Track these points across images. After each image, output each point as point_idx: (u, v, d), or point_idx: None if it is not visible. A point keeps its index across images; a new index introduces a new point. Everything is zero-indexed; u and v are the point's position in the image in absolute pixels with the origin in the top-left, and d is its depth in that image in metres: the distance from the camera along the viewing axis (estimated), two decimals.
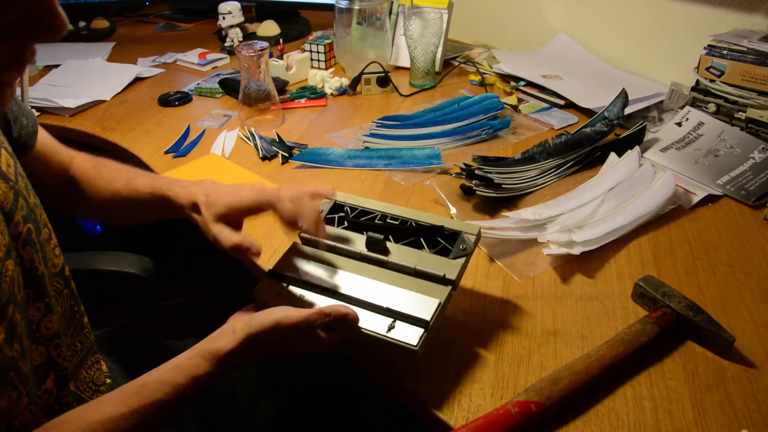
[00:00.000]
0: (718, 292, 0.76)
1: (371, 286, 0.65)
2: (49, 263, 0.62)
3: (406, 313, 0.62)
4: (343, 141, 1.16)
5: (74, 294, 0.66)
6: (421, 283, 0.65)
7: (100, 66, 1.53)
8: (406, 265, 0.66)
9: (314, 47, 1.46)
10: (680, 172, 1.01)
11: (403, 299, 0.63)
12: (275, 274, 0.69)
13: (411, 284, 0.65)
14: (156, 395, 0.55)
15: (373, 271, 0.68)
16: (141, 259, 0.93)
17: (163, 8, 1.99)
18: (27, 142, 0.74)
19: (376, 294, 0.64)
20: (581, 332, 0.70)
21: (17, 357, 0.53)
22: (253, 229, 0.89)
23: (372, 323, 0.61)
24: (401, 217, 0.73)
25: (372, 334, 0.61)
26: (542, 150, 1.04)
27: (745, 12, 1.18)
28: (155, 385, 0.56)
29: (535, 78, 1.33)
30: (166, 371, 0.57)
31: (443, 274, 0.65)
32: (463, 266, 0.66)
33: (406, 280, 0.66)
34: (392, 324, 0.61)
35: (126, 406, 0.54)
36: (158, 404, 0.55)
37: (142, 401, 0.55)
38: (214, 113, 1.29)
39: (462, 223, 0.70)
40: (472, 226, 0.70)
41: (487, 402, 0.61)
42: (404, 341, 0.59)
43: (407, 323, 0.61)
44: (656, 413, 0.60)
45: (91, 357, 0.70)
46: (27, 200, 0.59)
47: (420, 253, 0.68)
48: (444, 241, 0.70)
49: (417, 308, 0.62)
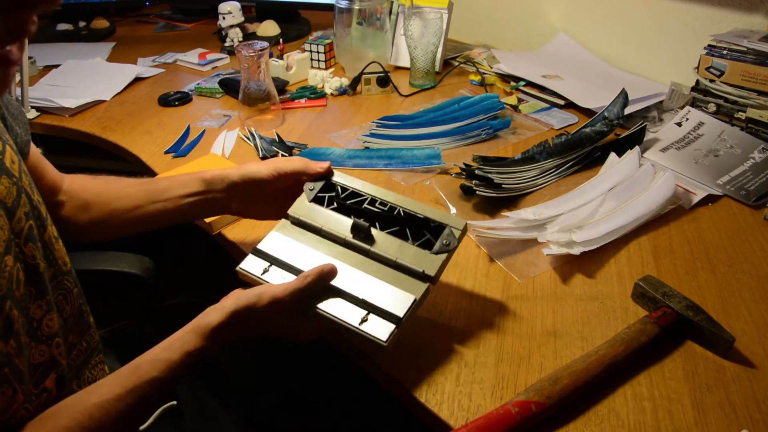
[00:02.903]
0: (718, 292, 0.76)
1: (351, 275, 0.66)
2: (59, 261, 0.62)
3: (380, 307, 0.62)
4: (343, 141, 1.16)
5: (82, 293, 0.67)
6: (400, 276, 0.66)
7: (100, 66, 1.53)
8: (388, 257, 0.67)
9: (314, 47, 1.46)
10: (680, 172, 1.01)
11: (380, 292, 0.64)
12: (259, 252, 0.70)
13: (390, 276, 0.66)
14: (151, 374, 0.57)
15: (355, 258, 0.68)
16: (141, 259, 0.93)
17: (163, 8, 1.99)
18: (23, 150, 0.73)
19: (355, 284, 0.65)
20: (581, 332, 0.70)
21: (13, 354, 0.53)
22: (253, 230, 0.89)
23: (347, 314, 0.62)
24: (390, 203, 0.72)
25: (345, 324, 0.62)
26: (542, 150, 1.04)
27: (745, 12, 1.18)
28: (150, 364, 0.58)
29: (535, 78, 1.33)
30: (160, 350, 0.59)
31: (422, 270, 0.65)
32: (444, 262, 0.66)
33: (386, 272, 0.66)
34: (365, 317, 0.62)
35: (122, 386, 0.56)
36: (153, 382, 0.57)
37: (138, 380, 0.56)
38: (214, 113, 1.29)
39: (449, 216, 0.70)
40: (459, 220, 0.69)
41: (487, 402, 0.61)
42: (375, 335, 0.60)
43: (380, 317, 0.62)
44: (656, 413, 0.60)
45: (95, 357, 0.70)
46: (30, 197, 0.59)
47: (404, 244, 0.68)
48: (430, 233, 0.69)
49: (392, 303, 0.63)
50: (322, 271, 0.63)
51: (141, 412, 0.59)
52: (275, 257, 0.69)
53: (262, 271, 0.68)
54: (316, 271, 0.63)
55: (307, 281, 0.62)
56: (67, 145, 1.28)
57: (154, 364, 0.58)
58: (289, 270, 0.68)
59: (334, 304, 0.63)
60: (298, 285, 0.62)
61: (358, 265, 0.67)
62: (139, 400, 0.56)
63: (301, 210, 0.73)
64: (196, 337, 0.59)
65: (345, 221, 0.71)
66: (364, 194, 0.74)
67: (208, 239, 0.92)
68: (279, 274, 0.68)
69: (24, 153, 0.72)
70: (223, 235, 0.89)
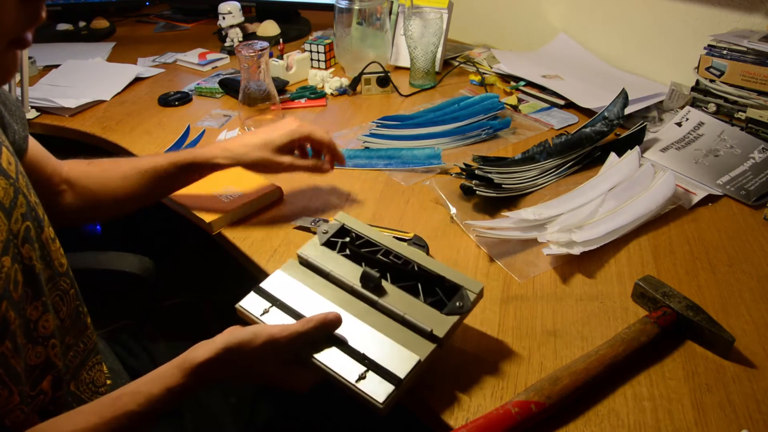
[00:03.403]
0: (718, 292, 0.76)
1: (354, 326, 0.62)
2: (56, 263, 0.62)
3: (381, 365, 0.58)
4: (343, 141, 1.16)
5: (79, 294, 0.67)
6: (406, 333, 0.61)
7: (100, 66, 1.53)
8: (395, 311, 0.63)
9: (314, 47, 1.46)
10: (680, 172, 1.01)
11: (383, 348, 0.60)
12: (261, 291, 0.68)
13: (396, 333, 0.62)
14: (129, 406, 0.55)
15: (361, 308, 0.65)
16: (141, 259, 0.93)
17: (163, 8, 1.99)
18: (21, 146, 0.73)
19: (357, 336, 0.61)
20: (581, 332, 0.70)
21: (8, 354, 0.53)
22: (253, 230, 0.89)
23: (344, 368, 0.59)
24: (405, 257, 0.69)
25: (341, 379, 0.58)
26: (542, 150, 1.04)
27: (744, 12, 1.18)
28: (129, 397, 0.56)
29: (535, 78, 1.33)
30: (143, 382, 0.57)
31: (431, 330, 0.60)
32: (454, 325, 0.62)
33: (392, 327, 0.62)
34: (363, 374, 0.58)
35: (99, 416, 0.54)
36: (130, 415, 0.55)
37: (115, 412, 0.54)
38: (214, 113, 1.29)
39: (466, 278, 0.65)
40: (476, 283, 0.65)
41: (487, 402, 0.61)
42: (371, 396, 0.56)
43: (380, 376, 0.58)
44: (656, 413, 0.60)
45: (92, 358, 0.70)
46: (27, 198, 0.59)
47: (414, 300, 0.64)
48: (443, 292, 0.65)
49: (394, 362, 0.58)
50: (326, 319, 0.60)
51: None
52: (277, 298, 0.66)
53: (262, 312, 0.65)
54: (320, 318, 0.60)
55: (308, 326, 0.59)
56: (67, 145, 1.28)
57: (133, 397, 0.56)
58: (290, 314, 0.65)
59: (332, 356, 0.60)
60: (298, 329, 0.59)
61: (363, 317, 0.64)
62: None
63: (312, 252, 0.71)
64: (179, 373, 0.57)
65: (355, 269, 0.68)
66: (379, 245, 0.71)
67: (208, 239, 0.92)
68: (279, 316, 0.65)
69: (22, 149, 0.72)
70: (223, 235, 0.89)
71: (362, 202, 0.96)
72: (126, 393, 0.56)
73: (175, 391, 0.56)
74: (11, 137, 0.71)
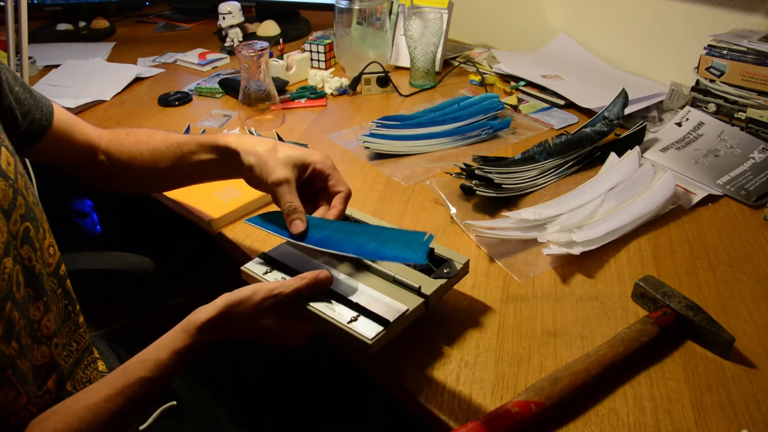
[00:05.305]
0: (718, 292, 0.76)
1: (349, 283, 0.67)
2: (44, 262, 0.62)
3: (371, 310, 0.63)
4: (343, 141, 1.16)
5: (69, 294, 0.66)
6: (397, 291, 0.66)
7: (100, 66, 1.53)
8: (387, 272, 0.68)
9: (314, 47, 1.46)
10: (680, 172, 1.01)
11: (374, 299, 0.65)
12: (266, 257, 0.72)
13: (387, 290, 0.66)
14: (138, 374, 0.57)
15: (357, 270, 0.69)
16: (141, 259, 0.93)
17: (163, 8, 1.99)
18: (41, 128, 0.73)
19: (351, 291, 0.66)
20: (581, 332, 0.70)
21: (15, 355, 0.53)
22: (253, 230, 0.89)
23: (338, 314, 0.63)
24: None
25: (333, 322, 0.62)
26: (542, 150, 1.04)
27: (744, 12, 1.18)
28: (138, 365, 0.57)
29: (535, 78, 1.33)
30: (148, 350, 0.59)
31: (419, 287, 0.65)
32: (441, 287, 0.67)
33: (384, 285, 0.67)
34: (355, 317, 0.62)
35: (111, 388, 0.56)
36: (141, 382, 0.56)
37: (126, 381, 0.56)
38: (214, 113, 1.29)
39: (453, 252, 0.71)
40: (463, 257, 0.71)
41: (487, 402, 0.61)
42: (362, 334, 0.60)
43: (370, 319, 0.62)
44: (656, 413, 0.60)
45: (87, 357, 0.70)
46: (26, 199, 0.59)
47: (405, 267, 0.69)
48: (433, 265, 0.70)
49: (383, 309, 0.63)
50: (318, 276, 0.64)
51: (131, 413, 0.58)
52: (280, 262, 0.71)
53: (264, 272, 0.69)
54: (313, 275, 0.64)
55: (304, 282, 0.63)
56: None
57: (142, 365, 0.57)
58: (290, 274, 0.68)
59: (326, 306, 0.64)
60: (293, 284, 0.62)
61: (358, 277, 0.68)
62: (129, 400, 0.56)
63: None
64: (184, 335, 0.59)
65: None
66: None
67: (208, 239, 0.92)
68: (279, 276, 0.69)
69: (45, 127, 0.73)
70: (223, 235, 0.89)
71: (362, 201, 0.96)
72: (133, 362, 0.58)
73: (182, 353, 0.58)
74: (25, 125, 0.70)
